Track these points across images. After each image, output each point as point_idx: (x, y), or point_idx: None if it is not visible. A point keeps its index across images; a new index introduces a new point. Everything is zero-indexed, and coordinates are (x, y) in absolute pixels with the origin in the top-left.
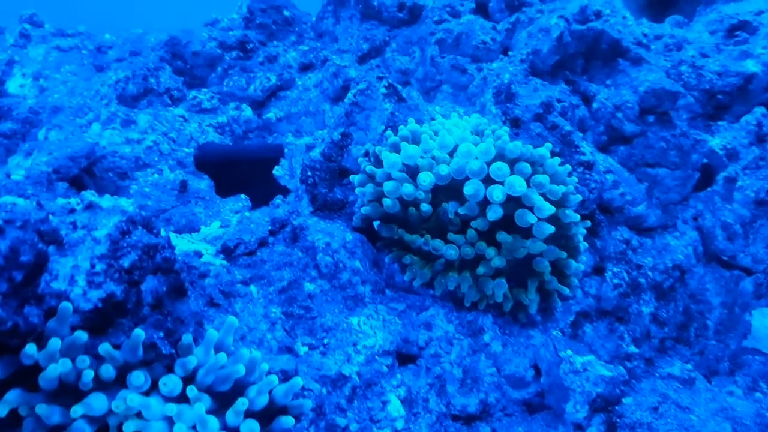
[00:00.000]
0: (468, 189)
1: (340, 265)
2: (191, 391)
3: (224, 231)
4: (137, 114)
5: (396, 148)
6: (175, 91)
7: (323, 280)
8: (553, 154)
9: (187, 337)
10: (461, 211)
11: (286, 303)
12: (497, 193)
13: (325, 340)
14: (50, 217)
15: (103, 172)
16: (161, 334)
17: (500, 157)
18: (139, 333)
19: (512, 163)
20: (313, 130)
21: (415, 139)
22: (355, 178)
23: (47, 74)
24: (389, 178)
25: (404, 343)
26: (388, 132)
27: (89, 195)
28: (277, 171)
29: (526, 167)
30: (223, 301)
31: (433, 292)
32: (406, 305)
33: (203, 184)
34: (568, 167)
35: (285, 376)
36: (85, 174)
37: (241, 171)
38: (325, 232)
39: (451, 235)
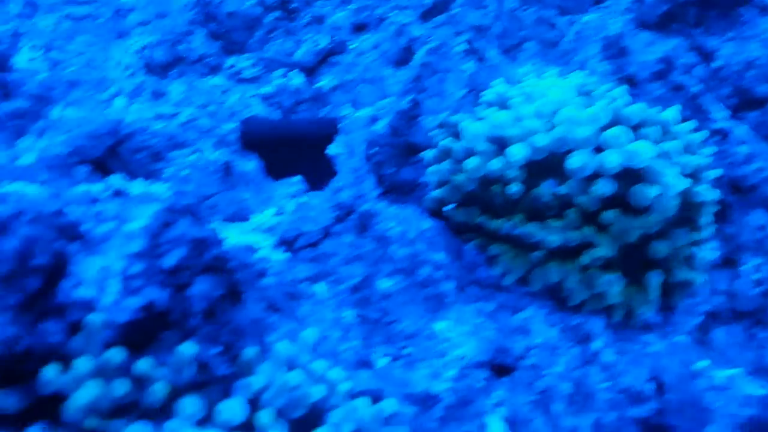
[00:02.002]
0: (573, 161)
1: (419, 258)
2: (260, 418)
3: (280, 220)
4: (169, 85)
5: (479, 117)
6: (211, 58)
7: (399, 277)
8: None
9: (249, 352)
10: (562, 190)
11: (359, 305)
12: (612, 159)
13: (407, 350)
14: (69, 208)
15: (132, 153)
16: (217, 350)
17: (616, 123)
18: (189, 348)
19: (633, 129)
20: (373, 99)
21: (503, 105)
22: (427, 154)
23: (59, 45)
24: (472, 152)
25: (498, 352)
26: (469, 97)
27: (117, 180)
28: (332, 149)
29: (655, 131)
30: (286, 305)
31: (528, 288)
32: (496, 306)
33: (251, 165)
34: (705, 133)
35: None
36: (110, 156)
37: (291, 150)
38: (399, 219)
39: (553, 221)
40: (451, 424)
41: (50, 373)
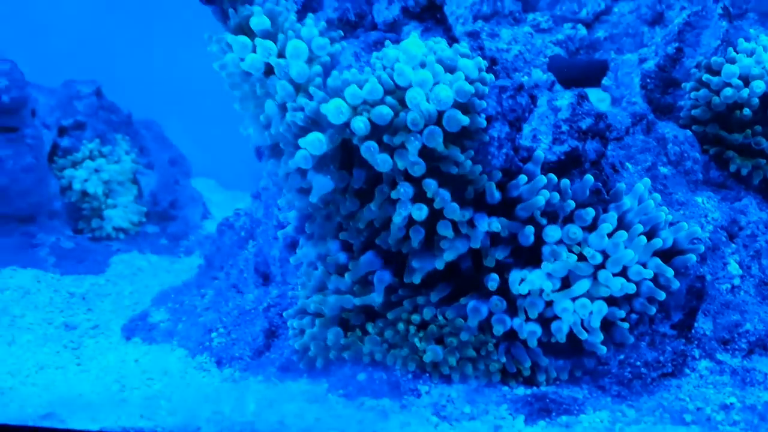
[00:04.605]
0: None
1: (685, 154)
2: (635, 230)
3: None
4: (500, 29)
5: (732, 61)
6: (517, 14)
7: (670, 166)
8: None
9: (620, 186)
10: None
11: (651, 179)
12: None
13: (680, 212)
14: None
15: (498, 72)
16: (599, 184)
17: None
18: (589, 177)
19: None
20: (632, 49)
21: (749, 54)
22: (687, 86)
23: None
24: (727, 85)
25: (730, 223)
26: (722, 47)
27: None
28: (606, 81)
29: None
30: (620, 169)
31: (743, 186)
32: (719, 197)
33: (557, 86)
34: None
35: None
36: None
37: (575, 78)
38: (671, 127)
39: None
40: (708, 259)
41: (522, 180)
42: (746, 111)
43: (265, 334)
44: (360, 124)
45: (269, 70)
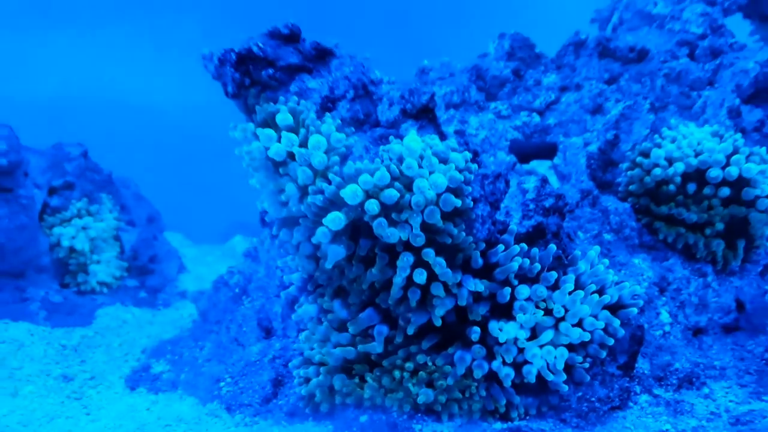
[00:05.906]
0: (712, 173)
1: (624, 223)
2: (589, 289)
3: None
4: (469, 117)
5: (658, 146)
6: (481, 102)
7: (612, 233)
8: None
9: (576, 252)
10: (707, 191)
11: (598, 244)
12: (733, 173)
13: (622, 272)
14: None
15: (481, 162)
16: (560, 252)
17: (736, 151)
18: (552, 246)
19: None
20: (577, 133)
21: (672, 140)
22: (623, 166)
23: None
24: (655, 166)
25: (660, 279)
26: (650, 134)
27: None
28: (555, 160)
29: (758, 159)
30: (574, 237)
31: (669, 248)
32: (651, 258)
33: (518, 166)
34: None
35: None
36: None
37: (529, 157)
38: (612, 200)
39: (693, 207)
40: (646, 311)
41: (500, 249)
42: (671, 187)
43: (272, 383)
44: (374, 206)
45: (290, 157)
